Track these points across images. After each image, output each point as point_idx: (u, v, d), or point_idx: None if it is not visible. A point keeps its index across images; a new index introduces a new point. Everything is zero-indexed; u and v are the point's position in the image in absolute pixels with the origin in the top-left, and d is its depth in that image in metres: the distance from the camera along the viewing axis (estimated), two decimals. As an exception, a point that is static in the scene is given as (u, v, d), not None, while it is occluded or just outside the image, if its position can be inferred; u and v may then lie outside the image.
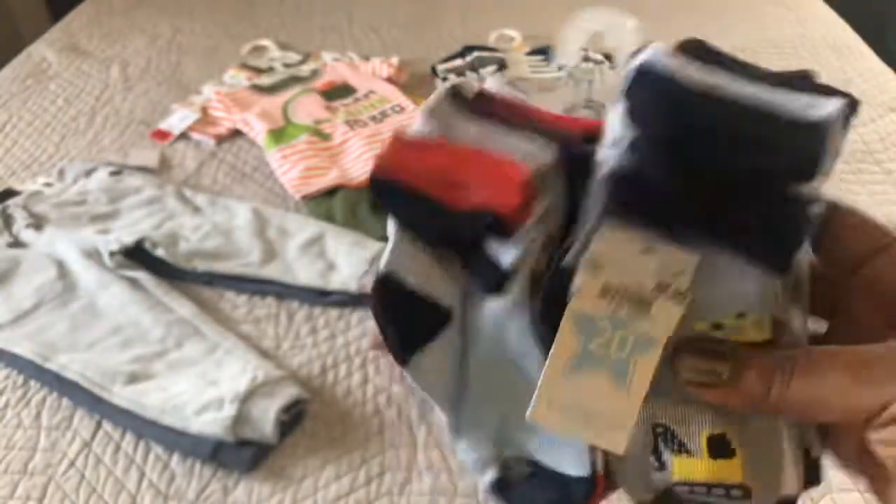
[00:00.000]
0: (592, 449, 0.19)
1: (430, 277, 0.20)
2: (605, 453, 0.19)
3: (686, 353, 0.18)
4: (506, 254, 0.19)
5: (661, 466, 0.19)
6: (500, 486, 0.21)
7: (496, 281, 0.19)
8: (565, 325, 0.18)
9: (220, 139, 0.79)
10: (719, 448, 0.18)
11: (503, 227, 0.19)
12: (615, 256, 0.17)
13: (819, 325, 0.20)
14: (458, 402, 0.21)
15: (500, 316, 0.20)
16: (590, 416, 0.17)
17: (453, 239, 0.20)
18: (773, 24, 1.04)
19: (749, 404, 0.17)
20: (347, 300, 0.57)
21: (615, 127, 0.17)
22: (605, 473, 0.20)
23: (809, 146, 0.16)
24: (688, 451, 0.19)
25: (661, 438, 0.19)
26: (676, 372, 0.18)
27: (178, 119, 0.81)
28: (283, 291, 0.58)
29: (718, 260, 0.17)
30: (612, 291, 0.18)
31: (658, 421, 0.19)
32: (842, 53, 0.96)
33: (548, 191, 0.19)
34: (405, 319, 0.20)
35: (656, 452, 0.19)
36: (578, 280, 0.17)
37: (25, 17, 1.36)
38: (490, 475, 0.21)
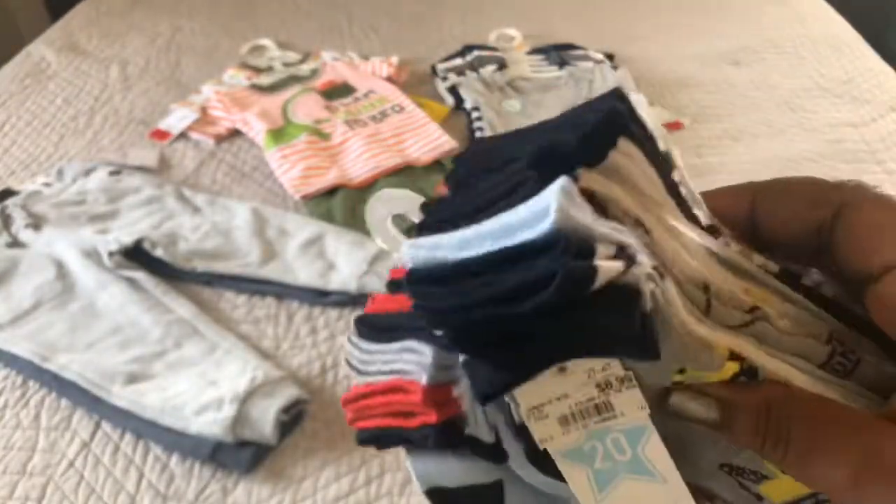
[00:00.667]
0: None
1: (462, 472, 0.20)
2: None
3: (674, 394, 0.16)
4: (480, 432, 0.19)
5: (759, 500, 0.18)
6: None
7: (492, 455, 0.19)
8: (563, 468, 0.17)
9: (220, 139, 0.79)
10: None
11: (442, 434, 0.19)
12: (543, 394, 0.17)
13: None
14: None
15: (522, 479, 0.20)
16: None
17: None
18: (774, 23, 1.04)
19: (746, 445, 0.16)
20: (347, 300, 0.56)
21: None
22: None
23: (549, 262, 0.14)
24: (765, 477, 0.18)
25: (735, 476, 0.18)
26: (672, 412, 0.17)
27: (178, 119, 0.81)
28: (282, 291, 0.58)
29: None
30: (568, 418, 0.17)
31: (720, 462, 0.18)
32: (842, 52, 0.95)
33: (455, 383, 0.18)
34: None
35: (744, 489, 0.18)
36: (535, 432, 0.17)
37: (24, 16, 1.36)
38: None
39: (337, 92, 0.84)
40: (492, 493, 0.20)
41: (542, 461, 0.18)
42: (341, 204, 0.67)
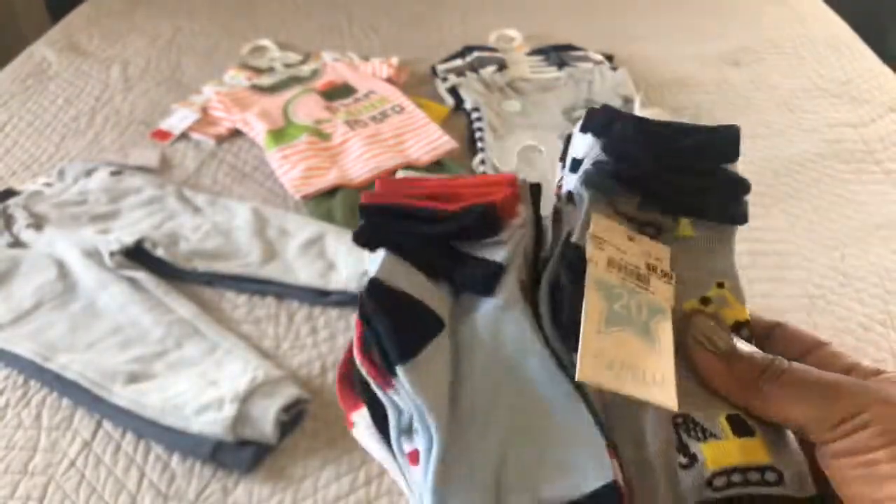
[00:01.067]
0: (610, 455, 0.18)
1: (421, 288, 0.21)
2: (622, 468, 0.18)
3: (699, 314, 0.21)
4: (495, 254, 0.22)
5: (691, 461, 0.18)
6: None
7: (488, 279, 0.21)
8: (590, 288, 0.19)
9: (221, 139, 0.79)
10: (740, 427, 0.19)
11: (494, 218, 0.22)
12: (610, 238, 0.21)
13: None
14: (449, 426, 0.19)
15: (495, 319, 0.20)
16: (635, 373, 0.18)
17: (446, 245, 0.22)
18: (773, 24, 1.04)
19: (736, 385, 0.19)
20: (347, 300, 0.57)
21: (578, 151, 0.24)
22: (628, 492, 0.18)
23: (728, 137, 0.23)
24: (714, 435, 0.18)
25: (682, 430, 0.19)
26: (691, 330, 0.20)
27: (179, 119, 0.81)
28: (283, 291, 0.58)
29: (690, 245, 0.22)
30: (615, 264, 0.20)
31: (675, 412, 0.19)
32: (842, 53, 0.96)
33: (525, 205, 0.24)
34: (402, 319, 0.20)
35: (682, 447, 0.18)
36: (589, 250, 0.20)
37: (26, 17, 1.36)
38: None
39: (337, 92, 0.85)
40: (432, 318, 0.20)
41: (561, 320, 0.20)
42: (342, 204, 0.67)
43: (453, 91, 0.85)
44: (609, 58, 0.93)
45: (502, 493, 0.18)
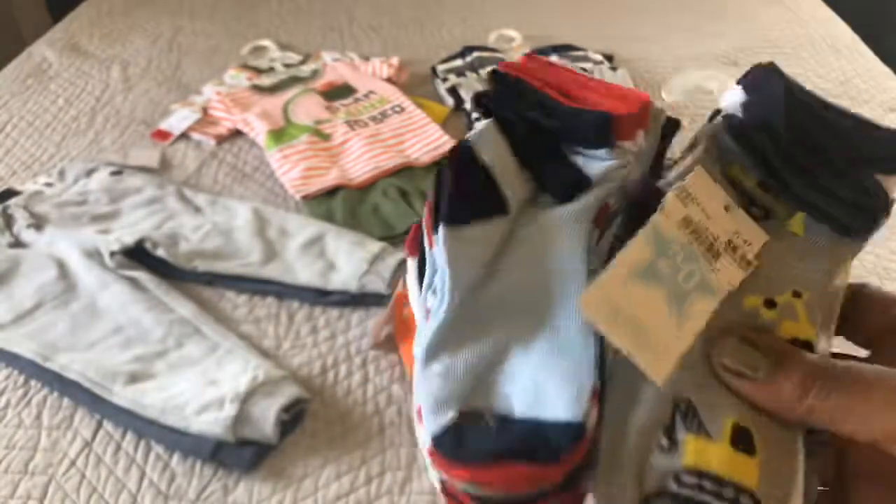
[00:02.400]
0: (593, 400, 0.17)
1: (504, 169, 0.20)
2: (599, 420, 0.17)
3: (730, 336, 0.18)
4: (592, 167, 0.20)
5: (671, 447, 0.17)
6: (450, 433, 0.17)
7: (567, 187, 0.20)
8: (642, 233, 0.18)
9: (221, 139, 0.79)
10: (742, 439, 0.17)
11: (604, 131, 0.20)
12: (702, 199, 0.19)
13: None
14: (461, 308, 0.19)
15: (559, 228, 0.20)
16: (638, 330, 0.16)
17: (552, 139, 0.21)
18: (773, 24, 1.04)
19: (778, 406, 0.17)
20: (348, 300, 0.57)
21: (725, 103, 0.22)
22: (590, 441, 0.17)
23: (891, 145, 0.20)
24: (707, 434, 0.17)
25: (679, 414, 0.17)
26: (716, 353, 0.18)
27: (179, 119, 0.81)
28: (283, 291, 0.58)
29: (793, 244, 0.20)
30: (691, 226, 0.19)
31: (682, 395, 0.17)
32: (841, 53, 0.96)
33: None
34: (469, 188, 0.20)
35: (670, 430, 0.17)
36: (667, 200, 0.18)
37: (25, 17, 1.36)
38: (445, 418, 0.17)
39: (337, 93, 0.85)
40: (499, 201, 0.20)
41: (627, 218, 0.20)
42: (342, 204, 0.67)
43: (453, 91, 0.86)
44: (609, 58, 0.93)
45: (473, 391, 0.17)
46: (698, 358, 0.18)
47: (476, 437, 0.16)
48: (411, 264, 0.23)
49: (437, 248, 0.20)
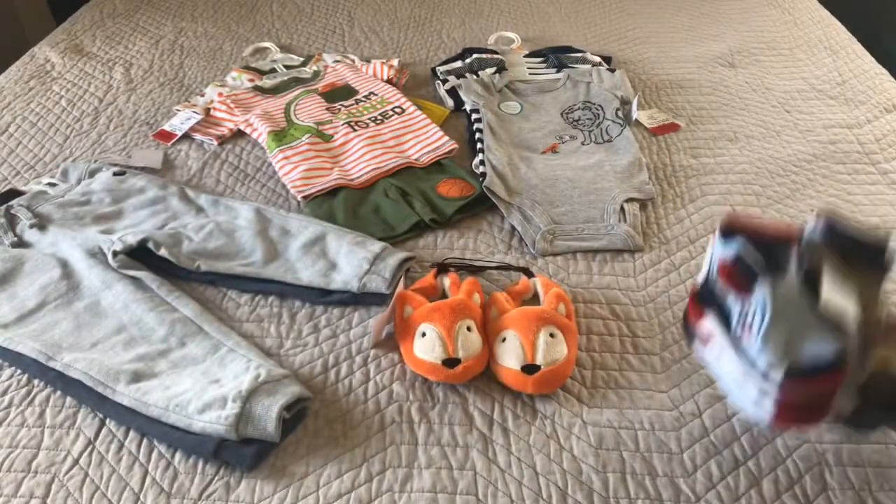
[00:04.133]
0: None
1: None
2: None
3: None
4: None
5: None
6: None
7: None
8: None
9: (223, 140, 0.79)
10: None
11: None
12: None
13: None
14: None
15: (799, 288, 0.40)
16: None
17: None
18: (770, 26, 1.05)
19: None
20: (349, 299, 0.57)
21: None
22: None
23: None
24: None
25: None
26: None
27: (181, 120, 0.82)
28: (285, 291, 0.58)
29: None
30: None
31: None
32: (837, 55, 0.96)
33: None
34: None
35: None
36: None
37: (28, 19, 1.37)
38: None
39: (338, 94, 0.85)
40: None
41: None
42: (343, 204, 0.68)
43: (453, 92, 0.86)
44: (607, 59, 0.94)
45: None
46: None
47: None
48: (710, 320, 0.43)
49: (757, 295, 0.40)
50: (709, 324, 0.42)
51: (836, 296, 0.37)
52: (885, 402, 0.39)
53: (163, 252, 0.60)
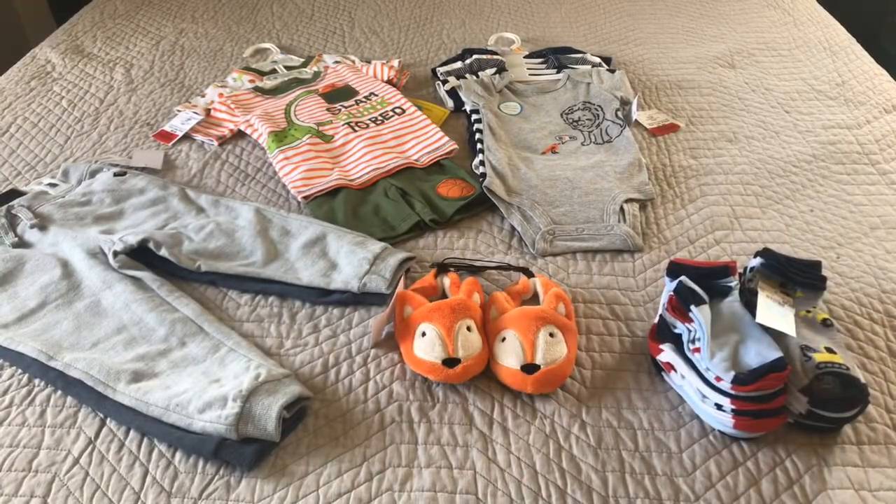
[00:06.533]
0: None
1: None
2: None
3: None
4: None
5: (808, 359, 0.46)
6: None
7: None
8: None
9: (223, 141, 0.79)
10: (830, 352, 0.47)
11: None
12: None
13: None
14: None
15: (732, 306, 0.50)
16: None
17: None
18: (769, 27, 1.05)
19: None
20: (349, 299, 0.57)
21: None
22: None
23: None
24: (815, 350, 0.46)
25: (805, 350, 0.47)
26: None
27: (182, 121, 0.82)
28: (285, 291, 0.59)
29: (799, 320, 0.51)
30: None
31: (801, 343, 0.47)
32: (837, 55, 0.96)
33: None
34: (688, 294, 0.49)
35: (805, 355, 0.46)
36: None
37: (29, 19, 1.37)
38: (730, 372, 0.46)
39: (339, 95, 0.85)
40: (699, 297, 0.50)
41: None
42: (343, 205, 0.68)
43: (453, 93, 0.86)
44: (607, 60, 0.94)
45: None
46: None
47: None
48: (667, 348, 0.50)
49: (695, 320, 0.48)
50: (666, 356, 0.48)
51: (773, 310, 0.46)
52: (833, 397, 0.43)
53: (163, 252, 0.60)
